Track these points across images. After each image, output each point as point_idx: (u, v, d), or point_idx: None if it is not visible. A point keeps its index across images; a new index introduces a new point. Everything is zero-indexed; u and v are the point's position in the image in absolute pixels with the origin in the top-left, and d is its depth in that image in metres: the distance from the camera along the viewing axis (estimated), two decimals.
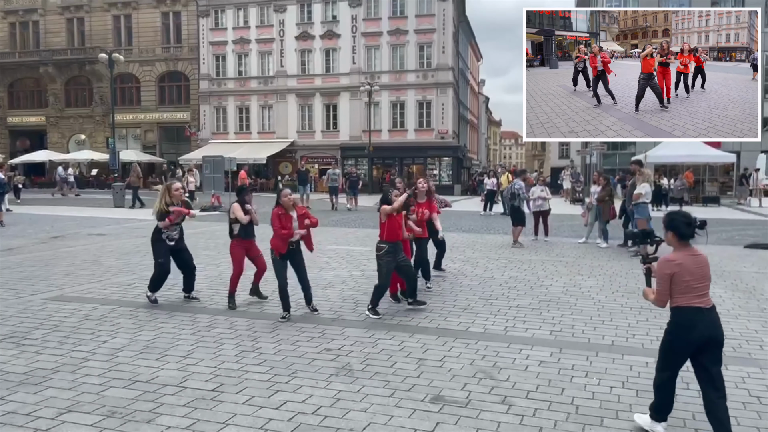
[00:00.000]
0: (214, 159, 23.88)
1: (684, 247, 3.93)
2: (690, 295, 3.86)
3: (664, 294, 3.92)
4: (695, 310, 3.85)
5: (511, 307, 7.65)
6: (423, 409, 4.43)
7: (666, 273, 3.87)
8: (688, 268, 3.86)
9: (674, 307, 3.93)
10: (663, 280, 3.89)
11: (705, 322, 3.84)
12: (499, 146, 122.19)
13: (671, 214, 4.04)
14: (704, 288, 3.90)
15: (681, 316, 3.89)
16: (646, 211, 12.06)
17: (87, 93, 48.16)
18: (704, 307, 3.86)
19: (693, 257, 3.91)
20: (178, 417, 4.25)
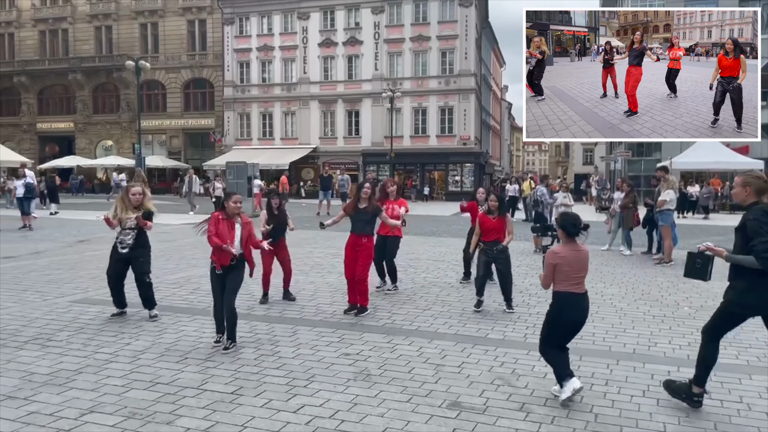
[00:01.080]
0: (238, 165, 24.15)
1: (570, 243, 4.66)
2: (568, 282, 4.61)
3: (548, 278, 4.70)
4: (571, 295, 4.63)
5: (531, 314, 7.60)
6: (440, 415, 4.42)
7: (550, 263, 4.66)
8: (569, 261, 4.61)
9: (556, 292, 4.69)
10: (547, 268, 4.70)
11: (575, 306, 4.66)
12: (522, 152, 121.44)
13: (564, 215, 4.82)
14: (581, 278, 4.68)
15: (561, 300, 4.66)
16: (670, 218, 11.90)
17: (114, 99, 49.07)
18: (577, 293, 4.65)
19: (575, 252, 4.65)
20: (198, 419, 4.30)
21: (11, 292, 8.61)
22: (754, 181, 4.33)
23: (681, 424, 4.35)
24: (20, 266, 10.91)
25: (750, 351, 6.10)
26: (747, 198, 4.33)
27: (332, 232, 17.32)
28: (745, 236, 4.22)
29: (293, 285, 8.70)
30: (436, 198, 40.94)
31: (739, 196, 4.39)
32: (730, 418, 4.46)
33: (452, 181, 42.94)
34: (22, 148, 46.76)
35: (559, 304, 4.68)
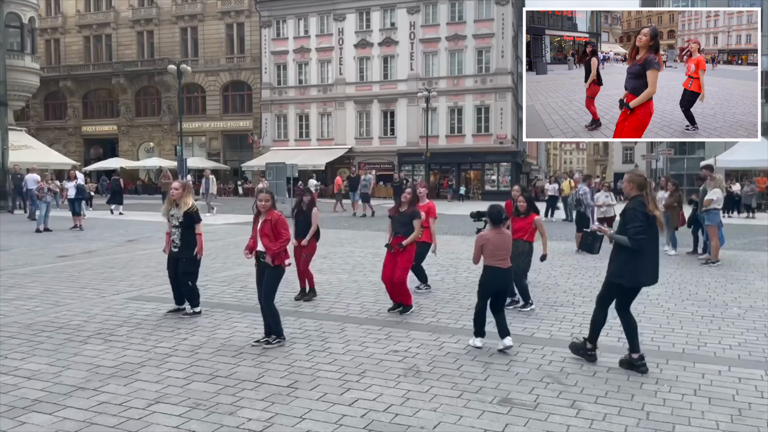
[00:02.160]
0: (277, 166, 24.54)
1: (495, 228, 6.02)
2: (493, 258, 5.95)
3: (477, 257, 6.08)
4: (495, 269, 5.96)
5: (576, 314, 7.61)
6: (492, 411, 4.51)
7: (478, 243, 6.03)
8: (494, 242, 5.95)
9: (484, 266, 6.02)
10: (476, 247, 6.06)
11: (500, 277, 5.98)
12: (559, 151, 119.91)
13: (491, 207, 6.10)
14: (505, 254, 5.98)
15: (488, 272, 5.99)
16: (717, 217, 11.71)
17: (156, 103, 50.27)
18: (501, 267, 5.96)
19: (499, 234, 6.00)
20: (258, 410, 4.48)
21: (70, 289, 8.99)
22: (636, 179, 5.48)
23: (734, 422, 4.35)
24: (75, 265, 11.35)
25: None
26: (631, 192, 5.44)
27: (372, 232, 17.56)
28: (624, 221, 5.35)
29: (335, 282, 8.85)
30: (472, 198, 40.83)
31: (626, 190, 5.49)
32: None
33: (489, 181, 42.76)
34: (68, 150, 48.27)
35: (486, 276, 6.00)
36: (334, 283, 9.59)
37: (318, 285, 9.10)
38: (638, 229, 5.22)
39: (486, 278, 5.98)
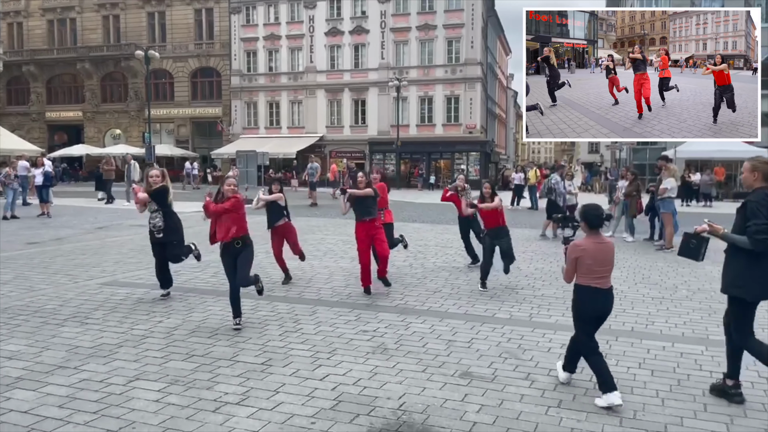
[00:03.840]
0: (248, 154, 24.58)
1: (593, 235, 4.54)
2: (591, 276, 4.48)
3: (570, 272, 4.60)
4: (594, 289, 4.50)
5: (536, 296, 8.03)
6: (453, 383, 4.87)
7: (572, 255, 4.55)
8: (592, 253, 4.47)
9: (577, 285, 4.59)
10: (569, 261, 4.59)
11: (601, 300, 4.53)
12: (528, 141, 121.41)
13: (585, 207, 4.62)
14: (606, 271, 4.52)
15: (583, 294, 4.55)
16: (671, 205, 12.27)
17: (122, 89, 49.46)
18: (601, 288, 4.52)
19: (599, 244, 4.51)
20: (234, 385, 4.75)
21: (43, 275, 9.09)
22: (762, 166, 4.43)
23: (672, 390, 4.78)
24: (46, 251, 11.38)
25: None
26: (754, 183, 4.46)
27: (344, 219, 17.81)
28: (744, 217, 4.38)
29: (307, 268, 9.14)
30: (442, 186, 41.28)
31: (747, 181, 4.52)
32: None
33: (458, 170, 43.24)
34: (32, 136, 47.21)
35: (581, 300, 4.58)
36: (306, 269, 9.84)
37: (290, 271, 9.37)
38: (761, 227, 4.25)
39: (582, 301, 4.58)
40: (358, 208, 7.96)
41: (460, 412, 4.32)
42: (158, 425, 4.04)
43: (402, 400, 4.51)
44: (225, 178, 6.57)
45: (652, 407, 4.46)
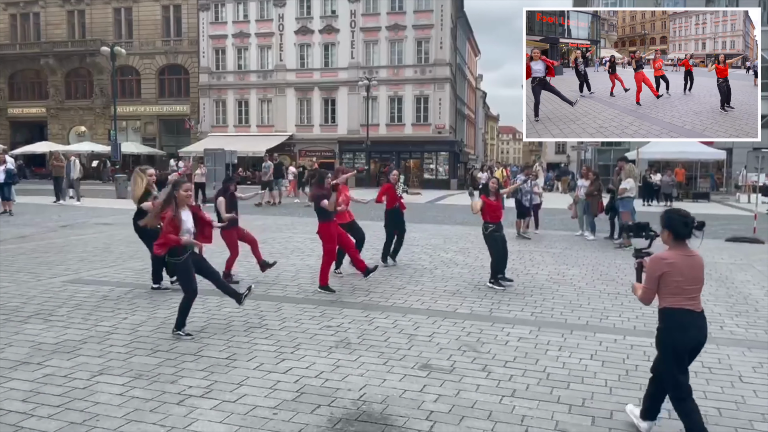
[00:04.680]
0: (216, 152, 24.43)
1: (679, 246, 3.76)
2: (681, 297, 3.71)
3: (651, 291, 3.80)
4: (686, 312, 3.71)
5: (497, 292, 8.25)
6: (412, 375, 5.03)
7: (656, 271, 3.74)
8: (680, 268, 3.70)
9: (664, 309, 3.77)
10: (651, 278, 3.77)
11: (696, 326, 3.72)
12: (496, 141, 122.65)
13: (669, 212, 3.88)
14: (696, 291, 3.75)
15: (672, 319, 3.74)
16: (630, 204, 12.66)
17: (87, 85, 48.63)
18: (694, 311, 3.73)
19: (687, 258, 3.74)
20: (198, 379, 4.84)
21: (5, 273, 8.99)
22: None
23: (620, 380, 5.02)
24: (8, 249, 11.23)
25: None
26: None
27: (311, 218, 17.88)
28: None
29: (274, 266, 9.20)
30: (411, 186, 41.55)
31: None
32: None
33: (428, 169, 43.65)
34: None
35: (674, 327, 3.76)
36: (273, 267, 9.90)
37: (256, 269, 9.45)
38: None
39: (675, 328, 3.76)
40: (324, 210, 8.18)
41: (418, 401, 4.49)
42: (122, 417, 4.11)
43: (362, 392, 4.66)
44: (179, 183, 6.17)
45: (600, 395, 4.69)
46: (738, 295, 8.34)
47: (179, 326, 5.99)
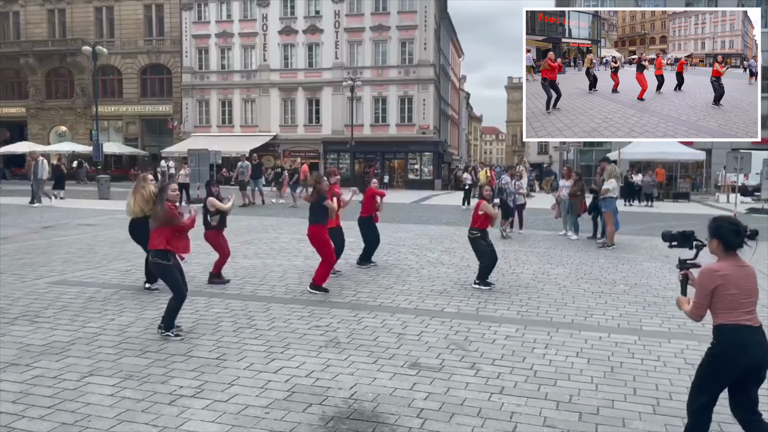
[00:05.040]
0: (200, 152, 24.29)
1: (730, 257, 3.48)
2: (738, 311, 3.40)
3: (703, 307, 3.48)
4: (745, 328, 3.38)
5: (483, 291, 8.34)
6: (402, 373, 5.09)
7: (708, 284, 3.43)
8: (735, 280, 3.41)
9: (720, 326, 3.45)
10: (703, 292, 3.44)
11: (756, 342, 3.38)
12: (480, 141, 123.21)
13: (719, 220, 3.56)
14: (752, 304, 3.46)
15: (730, 336, 3.40)
16: (612, 204, 12.83)
17: (68, 85, 48.07)
18: (753, 326, 3.40)
19: (740, 269, 3.45)
20: (189, 379, 4.86)
21: None
22: None
23: (605, 377, 5.12)
24: None
25: (672, 320, 6.95)
26: None
27: (297, 218, 17.90)
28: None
29: (261, 267, 9.23)
30: (396, 186, 41.64)
31: None
32: (647, 372, 5.25)
33: (412, 170, 43.75)
34: None
35: (734, 345, 3.39)
36: (259, 267, 9.93)
37: (243, 269, 9.50)
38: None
39: (732, 347, 3.39)
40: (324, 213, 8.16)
41: (408, 399, 4.55)
42: (113, 418, 4.12)
43: (353, 390, 4.71)
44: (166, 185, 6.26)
45: (587, 392, 4.78)
46: None
47: (168, 327, 5.98)
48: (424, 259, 10.94)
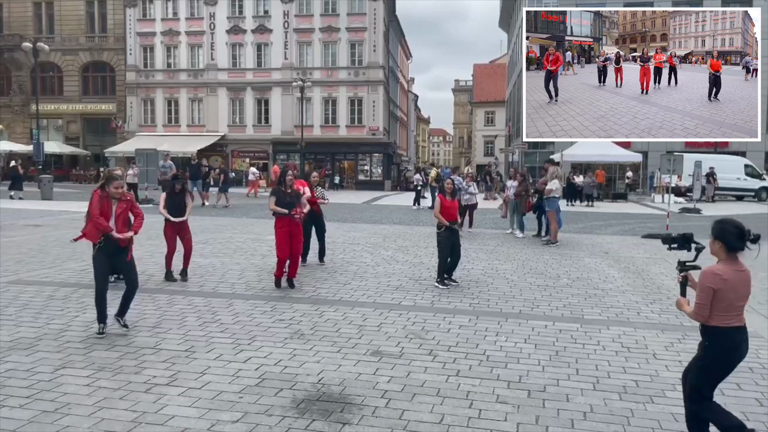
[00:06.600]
0: (147, 152, 23.98)
1: (731, 260, 3.58)
2: (731, 314, 3.57)
3: (706, 308, 3.56)
4: (736, 330, 3.59)
5: (437, 286, 8.75)
6: (365, 360, 5.43)
7: (710, 287, 3.53)
8: (734, 285, 3.54)
9: (715, 328, 3.58)
10: (705, 294, 3.55)
11: (745, 340, 3.63)
12: (428, 143, 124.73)
13: (722, 222, 3.62)
14: (743, 307, 3.65)
15: (726, 338, 3.59)
16: (555, 204, 13.50)
17: (5, 82, 46.28)
18: (742, 326, 3.63)
19: (739, 273, 3.57)
20: (161, 369, 5.06)
21: None
22: None
23: (551, 360, 5.59)
24: None
25: (610, 310, 7.53)
26: None
27: (250, 218, 17.98)
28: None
29: (219, 265, 9.38)
30: (346, 187, 41.93)
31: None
32: (588, 355, 5.75)
33: (362, 171, 44.12)
34: None
35: (729, 346, 3.61)
36: (218, 265, 10.07)
37: (201, 268, 9.63)
38: None
39: (728, 348, 3.63)
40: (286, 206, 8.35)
41: (372, 383, 4.89)
42: (93, 405, 4.30)
43: (320, 376, 5.01)
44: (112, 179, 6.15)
45: (535, 373, 5.23)
46: (653, 285, 9.18)
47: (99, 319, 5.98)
48: (379, 257, 11.29)
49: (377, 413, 4.32)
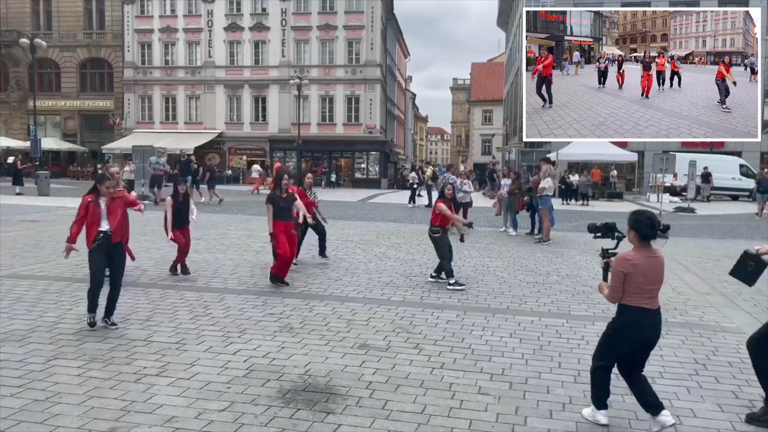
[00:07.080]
0: (144, 149, 24.04)
1: (644, 247, 3.99)
2: (641, 296, 3.95)
3: (617, 290, 3.98)
4: (643, 311, 3.96)
5: (427, 282, 8.86)
6: (352, 353, 5.53)
7: (621, 271, 3.95)
8: (643, 270, 3.93)
9: (623, 305, 4.01)
10: (617, 277, 3.97)
11: (648, 323, 3.98)
12: (425, 142, 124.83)
13: (636, 213, 4.05)
14: (655, 291, 4.01)
15: (629, 316, 3.98)
16: (548, 202, 13.62)
17: (2, 78, 46.26)
18: (650, 309, 3.98)
19: (650, 259, 3.97)
20: (151, 361, 5.16)
21: None
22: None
23: (535, 354, 5.70)
24: None
25: (597, 306, 7.65)
26: None
27: (245, 215, 18.08)
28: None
29: (212, 261, 9.48)
30: (343, 185, 42.02)
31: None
32: (571, 350, 5.86)
33: (359, 169, 44.22)
34: None
35: (628, 323, 4.01)
36: (211, 261, 10.17)
37: (195, 263, 9.71)
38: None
39: (630, 325, 4.01)
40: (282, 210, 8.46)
41: (358, 374, 5.00)
42: (83, 394, 4.41)
43: (307, 368, 5.12)
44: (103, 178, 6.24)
45: (518, 366, 5.35)
46: None
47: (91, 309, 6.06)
48: (372, 254, 11.40)
49: (361, 403, 4.43)
